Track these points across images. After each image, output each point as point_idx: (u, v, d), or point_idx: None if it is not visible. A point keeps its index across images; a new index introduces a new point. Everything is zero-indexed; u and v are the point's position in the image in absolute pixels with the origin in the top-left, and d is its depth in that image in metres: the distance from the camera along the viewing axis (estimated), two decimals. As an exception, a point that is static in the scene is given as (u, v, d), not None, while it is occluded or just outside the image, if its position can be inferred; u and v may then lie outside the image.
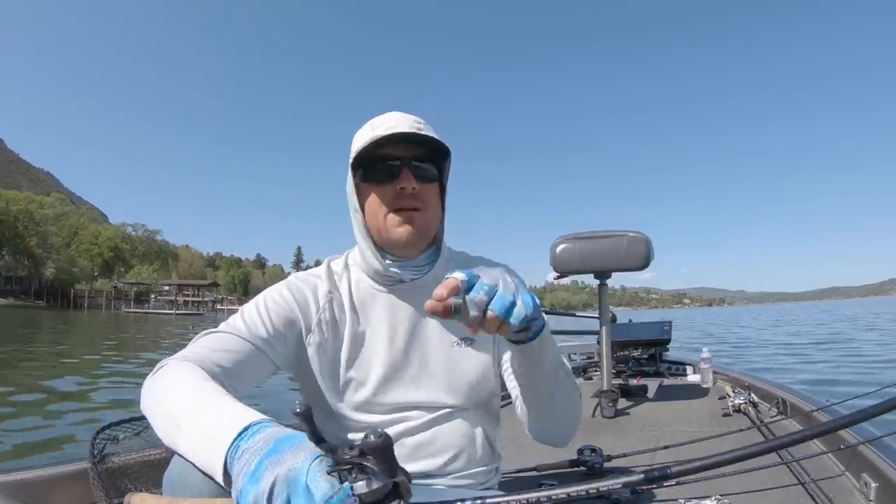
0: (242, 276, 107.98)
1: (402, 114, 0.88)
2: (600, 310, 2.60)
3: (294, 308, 0.86)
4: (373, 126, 0.86)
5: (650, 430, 2.11)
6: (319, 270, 0.93)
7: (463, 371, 0.89)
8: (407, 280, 0.89)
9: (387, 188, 0.84)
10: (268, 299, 0.86)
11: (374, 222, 0.86)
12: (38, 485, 1.15)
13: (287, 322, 0.84)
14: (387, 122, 0.85)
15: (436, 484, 0.87)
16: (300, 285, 0.89)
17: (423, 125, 0.86)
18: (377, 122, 0.87)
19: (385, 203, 0.84)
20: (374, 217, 0.85)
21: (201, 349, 0.75)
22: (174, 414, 0.61)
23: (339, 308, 0.88)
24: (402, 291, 0.89)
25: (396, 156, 0.83)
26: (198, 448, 0.55)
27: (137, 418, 1.29)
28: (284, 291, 0.88)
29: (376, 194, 0.85)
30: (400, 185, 0.82)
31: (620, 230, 2.42)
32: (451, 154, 0.87)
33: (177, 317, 47.30)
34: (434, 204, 0.88)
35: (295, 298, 0.87)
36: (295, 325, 0.85)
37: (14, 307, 49.57)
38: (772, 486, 1.40)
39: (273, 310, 0.84)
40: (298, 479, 0.45)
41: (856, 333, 15.48)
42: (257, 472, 0.47)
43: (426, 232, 0.87)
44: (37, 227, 59.78)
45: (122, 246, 76.43)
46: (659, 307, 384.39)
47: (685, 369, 3.27)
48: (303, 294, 0.88)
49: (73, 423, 4.57)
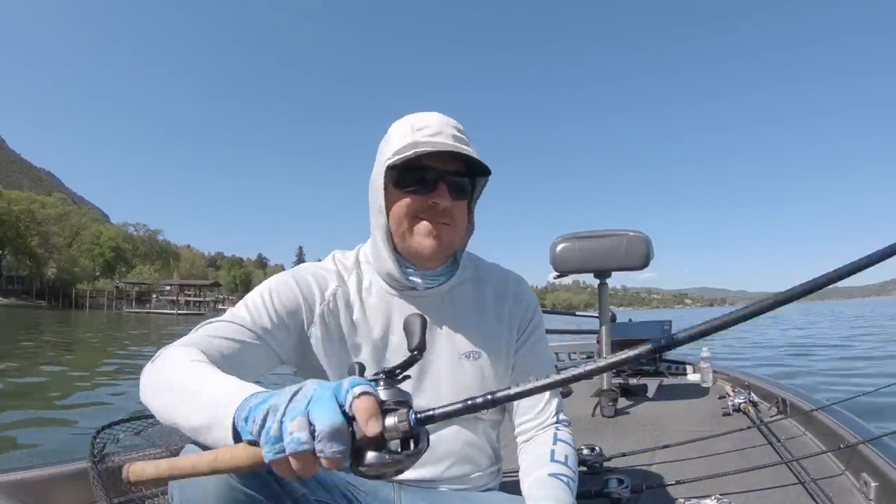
0: (244, 276, 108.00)
1: (444, 117, 0.83)
2: (600, 309, 2.60)
3: (299, 299, 0.84)
4: (413, 126, 0.82)
5: (650, 430, 2.11)
6: (326, 264, 0.91)
7: (466, 384, 0.87)
8: (420, 288, 0.87)
9: (419, 198, 0.81)
10: (273, 289, 0.84)
11: (398, 228, 0.83)
12: (38, 485, 1.15)
13: (290, 313, 0.82)
14: (429, 125, 0.81)
15: (437, 489, 0.87)
16: (307, 277, 0.87)
17: (464, 136, 0.83)
18: (418, 121, 0.82)
19: (415, 213, 0.82)
20: (400, 224, 0.83)
21: (202, 336, 0.74)
22: (173, 386, 0.60)
23: (346, 305, 0.87)
24: (412, 297, 0.88)
25: (435, 167, 0.80)
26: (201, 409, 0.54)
27: (137, 418, 1.30)
28: (290, 281, 0.86)
29: (407, 202, 0.81)
30: (434, 199, 0.80)
31: (620, 229, 2.42)
32: (490, 174, 0.84)
33: (178, 317, 47.33)
34: (461, 220, 0.85)
35: (300, 289, 0.85)
36: (298, 316, 0.83)
37: (16, 307, 49.62)
38: (772, 486, 1.40)
39: (277, 300, 0.82)
40: (323, 386, 0.47)
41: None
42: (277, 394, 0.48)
43: (450, 247, 0.86)
44: (38, 227, 59.79)
45: (123, 246, 76.43)
46: (660, 307, 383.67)
47: (685, 369, 3.28)
48: (309, 286, 0.86)
49: (73, 423, 4.57)
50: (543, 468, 0.85)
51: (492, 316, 0.91)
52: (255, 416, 0.46)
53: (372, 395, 0.46)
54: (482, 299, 0.91)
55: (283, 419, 0.44)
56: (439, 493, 0.87)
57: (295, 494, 0.66)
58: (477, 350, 0.88)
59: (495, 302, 0.92)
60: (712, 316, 0.49)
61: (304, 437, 0.43)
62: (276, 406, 0.46)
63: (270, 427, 0.45)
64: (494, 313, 0.91)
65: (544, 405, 0.93)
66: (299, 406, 0.45)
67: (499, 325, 0.91)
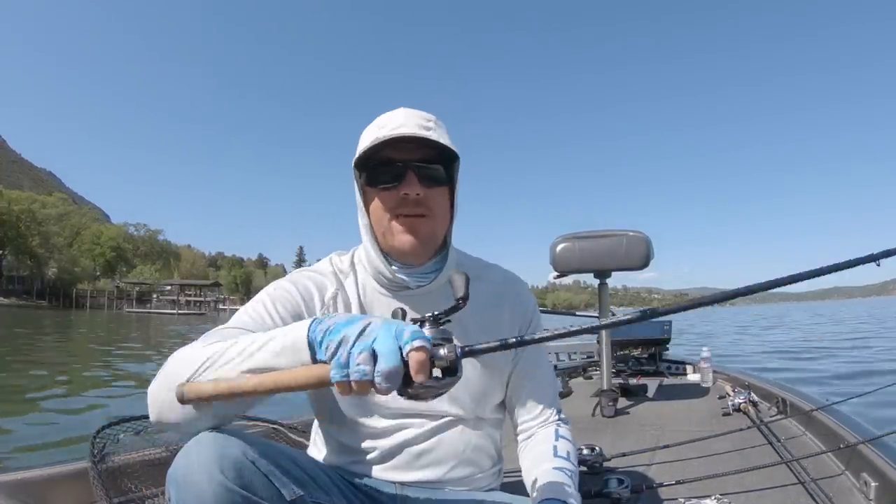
0: (244, 276, 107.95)
1: (411, 111, 0.83)
2: (600, 309, 2.59)
3: (300, 304, 0.84)
4: (379, 125, 0.83)
5: (650, 430, 2.11)
6: (323, 268, 0.91)
7: (466, 383, 0.87)
8: (413, 287, 0.87)
9: (391, 192, 0.81)
10: (273, 295, 0.84)
11: (378, 227, 0.84)
12: (38, 484, 1.14)
13: (292, 317, 0.82)
14: (394, 120, 0.81)
15: (439, 490, 0.87)
16: (306, 282, 0.87)
17: (433, 124, 0.82)
18: (384, 120, 0.83)
19: (389, 208, 0.82)
20: (379, 222, 0.83)
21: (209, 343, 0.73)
22: (226, 351, 0.64)
23: (345, 307, 0.87)
24: (407, 297, 0.88)
25: (400, 158, 0.80)
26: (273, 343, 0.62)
27: (137, 418, 1.30)
28: (290, 286, 0.86)
29: (380, 198, 0.82)
30: (404, 190, 0.80)
31: (620, 229, 2.42)
32: (458, 157, 0.84)
33: (179, 317, 47.37)
34: (442, 209, 0.85)
35: (300, 294, 0.85)
36: (299, 320, 0.81)
37: (16, 307, 49.66)
38: (772, 486, 1.40)
39: (279, 306, 0.82)
40: (387, 328, 0.56)
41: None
42: (352, 321, 0.58)
43: (431, 240, 0.85)
44: (39, 227, 59.80)
45: (124, 246, 76.44)
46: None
47: (685, 368, 3.27)
48: (308, 291, 0.86)
49: (73, 423, 4.57)
50: (547, 463, 0.87)
51: (493, 315, 0.92)
52: (329, 343, 0.57)
53: (427, 349, 0.55)
54: (484, 298, 0.91)
55: (352, 350, 0.55)
56: (441, 493, 0.87)
57: (293, 495, 0.66)
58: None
59: (497, 301, 0.93)
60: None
61: (368, 369, 0.54)
62: (347, 338, 0.56)
63: (341, 355, 0.55)
64: (496, 312, 0.92)
65: (545, 404, 0.95)
66: (367, 342, 0.55)
67: (500, 324, 0.92)
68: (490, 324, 0.91)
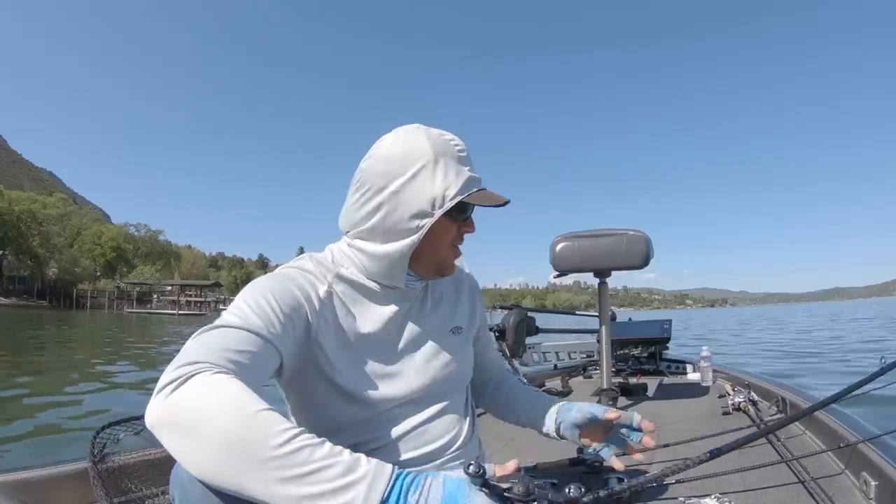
0: (245, 277, 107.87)
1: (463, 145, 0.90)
2: (600, 308, 2.59)
3: (300, 299, 0.83)
4: (456, 157, 0.86)
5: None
6: (307, 265, 0.90)
7: (454, 355, 0.96)
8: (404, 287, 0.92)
9: (455, 226, 0.90)
10: (273, 291, 0.80)
11: (433, 251, 0.89)
12: (38, 485, 1.14)
13: (295, 315, 0.81)
14: (467, 154, 0.89)
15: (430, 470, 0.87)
16: (301, 281, 0.86)
17: None
18: (457, 149, 0.87)
19: (451, 238, 0.91)
20: (437, 248, 0.89)
21: (218, 350, 0.68)
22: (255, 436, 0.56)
23: (341, 304, 0.88)
24: (397, 292, 0.91)
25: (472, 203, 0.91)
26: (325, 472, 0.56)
27: (137, 418, 1.29)
28: (287, 283, 0.84)
29: (447, 228, 0.89)
30: (469, 230, 0.92)
31: (620, 229, 2.42)
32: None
33: (179, 317, 47.36)
34: None
35: (299, 290, 0.84)
36: (301, 318, 0.82)
37: (17, 307, 49.68)
38: (771, 485, 1.40)
39: (282, 302, 0.80)
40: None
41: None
42: (413, 489, 0.59)
43: None
44: (39, 227, 59.88)
45: (124, 246, 76.51)
46: (661, 308, 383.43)
47: (685, 368, 3.27)
48: (304, 287, 0.85)
49: (74, 423, 4.58)
50: (528, 389, 1.15)
51: (459, 301, 1.04)
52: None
53: None
54: (450, 286, 1.04)
55: None
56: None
57: None
58: (459, 326, 1.00)
59: (457, 289, 1.05)
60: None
61: None
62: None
63: None
64: (460, 299, 1.05)
65: (499, 363, 1.21)
66: None
67: (463, 308, 1.04)
68: (458, 307, 1.03)
